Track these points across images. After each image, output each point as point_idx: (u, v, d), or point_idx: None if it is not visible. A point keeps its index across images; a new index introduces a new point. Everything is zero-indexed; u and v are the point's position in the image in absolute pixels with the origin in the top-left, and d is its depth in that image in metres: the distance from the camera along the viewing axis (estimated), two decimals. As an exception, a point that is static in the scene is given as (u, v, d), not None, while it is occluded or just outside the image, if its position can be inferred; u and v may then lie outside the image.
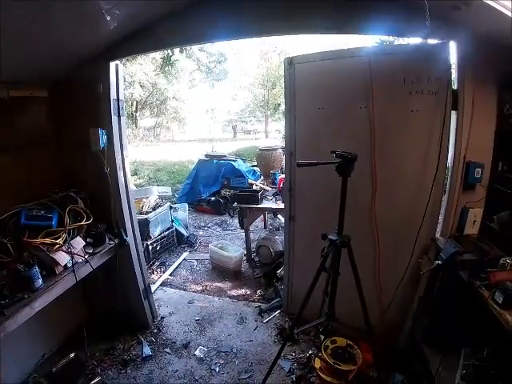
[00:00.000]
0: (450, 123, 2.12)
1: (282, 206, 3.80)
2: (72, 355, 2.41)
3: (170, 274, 4.09)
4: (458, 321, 1.88)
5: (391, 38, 3.54)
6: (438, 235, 2.27)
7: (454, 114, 2.11)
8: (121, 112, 2.53)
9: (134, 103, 18.05)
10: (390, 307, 2.47)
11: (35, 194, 2.29)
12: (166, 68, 16.46)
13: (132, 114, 18.12)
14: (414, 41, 2.39)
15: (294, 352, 2.68)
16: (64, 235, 2.15)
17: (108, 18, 2.00)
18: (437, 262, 1.92)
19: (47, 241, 2.04)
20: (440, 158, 2.16)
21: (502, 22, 1.60)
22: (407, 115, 2.25)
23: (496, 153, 2.10)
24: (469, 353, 1.83)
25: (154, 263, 4.26)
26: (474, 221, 2.11)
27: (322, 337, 2.33)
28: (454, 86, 2.11)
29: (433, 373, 1.93)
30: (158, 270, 4.15)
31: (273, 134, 21.44)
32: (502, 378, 1.65)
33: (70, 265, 2.12)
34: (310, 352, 2.52)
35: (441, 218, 2.28)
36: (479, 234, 2.13)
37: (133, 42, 2.34)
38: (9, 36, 1.70)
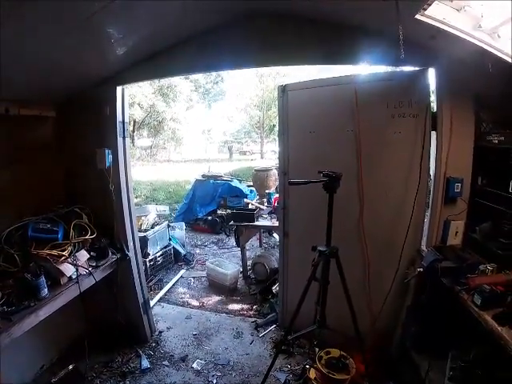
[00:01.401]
0: (430, 143, 2.31)
1: (276, 224, 3.93)
2: (71, 367, 2.45)
3: (168, 291, 4.14)
4: (444, 325, 1.98)
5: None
6: (423, 247, 2.40)
7: (433, 134, 2.29)
8: (125, 133, 2.70)
9: (132, 123, 18.34)
10: (380, 316, 2.57)
11: (41, 208, 2.41)
12: (165, 90, 16.90)
13: (129, 133, 18.34)
14: (398, 69, 2.61)
15: (290, 364, 2.74)
16: (69, 248, 2.26)
17: (116, 46, 2.19)
18: (418, 269, 2.05)
19: (54, 252, 2.15)
20: (421, 175, 2.33)
21: (473, 50, 1.79)
22: (390, 137, 2.44)
23: (475, 168, 2.25)
24: (456, 355, 1.93)
25: (151, 280, 4.32)
26: (456, 232, 2.24)
27: (317, 349, 2.42)
28: (434, 109, 2.30)
29: (423, 376, 2.02)
30: (156, 287, 4.21)
31: (268, 155, 21.69)
32: (488, 378, 1.75)
33: (74, 276, 2.21)
34: (305, 363, 2.59)
35: (425, 230, 2.42)
36: (463, 245, 2.26)
37: (139, 68, 2.52)
38: (25, 61, 1.88)
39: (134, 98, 15.84)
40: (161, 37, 2.33)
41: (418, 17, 1.69)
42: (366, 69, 2.80)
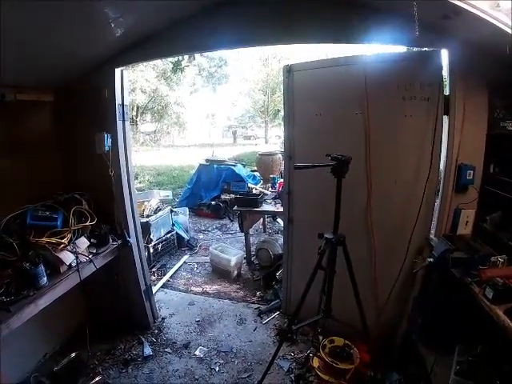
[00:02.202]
0: (442, 128, 2.21)
1: (281, 209, 3.89)
2: (73, 355, 2.45)
3: (171, 277, 4.14)
4: (452, 318, 1.93)
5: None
6: (432, 235, 2.33)
7: (446, 119, 2.19)
8: (125, 117, 2.61)
9: (135, 108, 18.19)
10: (386, 307, 2.54)
11: (40, 195, 2.36)
12: (169, 74, 16.64)
13: (133, 118, 18.23)
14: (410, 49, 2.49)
15: (293, 352, 2.73)
16: (69, 235, 2.21)
17: (114, 27, 2.08)
18: (429, 259, 1.99)
19: (53, 240, 2.10)
20: (432, 161, 2.24)
21: (490, 31, 1.68)
22: (401, 120, 2.33)
23: (487, 155, 2.16)
24: (463, 349, 1.87)
25: (154, 266, 4.31)
26: (467, 221, 2.17)
27: (321, 338, 2.39)
28: (446, 92, 2.18)
29: (428, 370, 1.98)
30: (159, 273, 4.20)
31: (273, 140, 21.58)
32: (496, 373, 1.69)
33: (74, 264, 2.17)
34: (309, 352, 2.57)
35: (434, 218, 2.34)
36: (473, 234, 2.20)
37: (138, 49, 2.42)
38: (21, 44, 1.80)
39: (136, 83, 15.61)
40: (158, 16, 2.22)
41: (434, -9, 1.58)
42: (375, 49, 2.68)
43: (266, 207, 4.29)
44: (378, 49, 2.67)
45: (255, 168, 7.32)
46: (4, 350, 1.82)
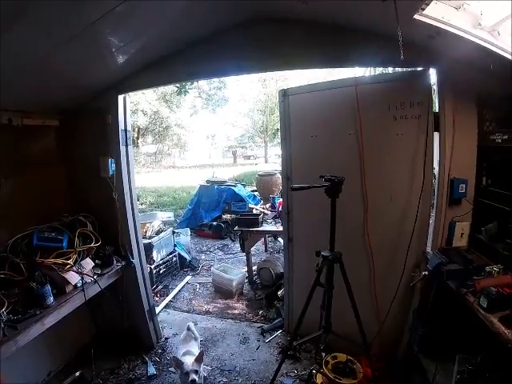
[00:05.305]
0: (433, 144, 2.28)
1: (281, 228, 3.93)
2: (78, 374, 2.46)
3: (174, 297, 4.14)
4: (451, 328, 1.95)
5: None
6: (428, 249, 2.38)
7: (436, 135, 2.27)
8: (128, 141, 2.71)
9: (136, 129, 18.46)
10: (386, 320, 2.55)
11: (46, 217, 2.43)
12: (169, 97, 17.00)
13: (134, 140, 18.50)
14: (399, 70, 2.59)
15: (296, 369, 2.72)
16: (74, 256, 2.27)
17: (118, 55, 2.21)
18: (423, 272, 2.03)
19: (59, 261, 2.16)
20: (425, 177, 2.32)
21: (473, 49, 1.78)
22: (393, 139, 2.42)
23: (479, 168, 2.22)
24: (463, 359, 1.89)
25: (157, 286, 4.32)
26: (462, 233, 2.22)
27: (324, 354, 2.39)
28: (436, 109, 2.28)
29: (430, 380, 1.99)
30: (162, 293, 4.21)
31: (272, 159, 21.75)
32: (496, 381, 1.71)
33: (79, 284, 2.23)
34: (312, 368, 2.56)
35: (430, 232, 2.39)
36: (469, 246, 2.24)
37: (141, 77, 2.55)
38: (26, 70, 1.90)
39: (138, 104, 15.95)
40: (161, 44, 2.35)
41: (416, 17, 1.68)
42: (366, 71, 2.80)
43: (266, 227, 4.34)
44: (369, 70, 2.79)
45: (255, 188, 7.41)
46: (8, 367, 1.84)
